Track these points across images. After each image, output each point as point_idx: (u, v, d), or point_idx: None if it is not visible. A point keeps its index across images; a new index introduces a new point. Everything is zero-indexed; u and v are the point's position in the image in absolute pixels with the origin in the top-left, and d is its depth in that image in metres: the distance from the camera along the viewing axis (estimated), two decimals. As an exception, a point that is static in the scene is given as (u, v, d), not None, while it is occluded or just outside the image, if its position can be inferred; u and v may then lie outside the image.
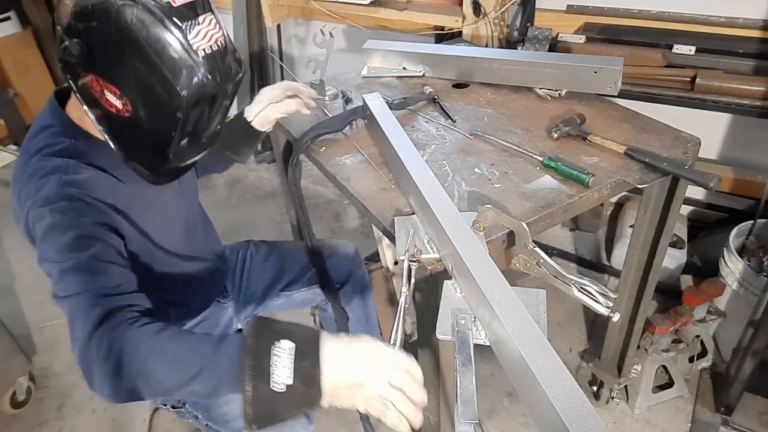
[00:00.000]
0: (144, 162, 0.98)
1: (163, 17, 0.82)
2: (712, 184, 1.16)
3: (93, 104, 0.91)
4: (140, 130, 0.91)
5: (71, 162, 0.95)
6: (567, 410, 0.66)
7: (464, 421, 0.76)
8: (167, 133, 0.92)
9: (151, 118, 0.89)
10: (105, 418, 1.97)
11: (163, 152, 0.96)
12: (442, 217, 0.98)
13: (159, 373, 0.76)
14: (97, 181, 0.96)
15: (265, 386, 0.71)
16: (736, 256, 1.80)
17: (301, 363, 0.73)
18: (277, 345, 0.73)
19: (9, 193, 1.00)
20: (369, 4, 2.43)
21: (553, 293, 0.92)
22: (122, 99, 0.87)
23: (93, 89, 0.88)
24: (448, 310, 0.92)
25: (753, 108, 1.76)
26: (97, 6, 0.81)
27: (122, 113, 0.89)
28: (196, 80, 0.85)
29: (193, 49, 0.84)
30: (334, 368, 0.74)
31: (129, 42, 0.82)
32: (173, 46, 0.83)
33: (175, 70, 0.83)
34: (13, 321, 2.32)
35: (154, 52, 0.82)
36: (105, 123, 0.92)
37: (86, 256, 0.86)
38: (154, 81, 0.84)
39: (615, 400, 1.87)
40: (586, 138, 1.34)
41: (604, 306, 0.85)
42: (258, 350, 0.73)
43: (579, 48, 2.02)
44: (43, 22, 3.76)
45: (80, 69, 0.88)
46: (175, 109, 0.87)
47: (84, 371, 0.79)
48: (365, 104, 1.41)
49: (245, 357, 0.73)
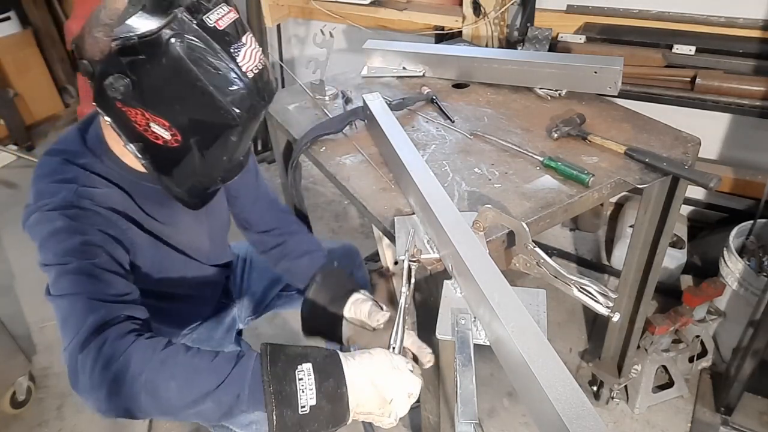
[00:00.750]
0: (186, 188, 0.98)
1: (214, 44, 0.80)
2: (712, 184, 1.16)
3: (136, 138, 0.89)
4: (188, 158, 0.90)
5: (91, 176, 0.94)
6: (567, 410, 0.66)
7: (464, 421, 0.76)
8: (219, 157, 0.92)
9: (203, 145, 0.88)
10: (105, 418, 1.97)
11: (210, 176, 0.96)
12: (442, 217, 0.98)
13: (168, 388, 0.74)
14: (114, 196, 0.96)
15: (291, 411, 0.72)
16: (736, 256, 1.80)
17: (325, 383, 0.74)
18: (299, 369, 0.74)
19: (9, 192, 1.00)
20: (369, 4, 2.43)
21: (553, 293, 0.92)
22: (171, 130, 0.85)
23: (137, 123, 0.86)
24: (448, 310, 0.92)
25: (753, 108, 1.76)
26: (145, 39, 0.78)
27: (170, 144, 0.87)
28: (249, 103, 0.84)
29: (243, 71, 0.82)
30: (357, 388, 0.76)
31: (181, 72, 0.79)
32: (226, 72, 0.81)
33: (231, 95, 0.82)
34: (13, 321, 2.32)
35: (208, 80, 0.80)
36: (149, 155, 0.91)
37: (89, 261, 0.85)
38: (209, 108, 0.82)
39: (615, 400, 1.87)
40: (586, 138, 1.34)
41: (604, 306, 0.85)
42: (280, 375, 0.73)
43: (579, 48, 2.02)
44: (43, 22, 3.76)
45: (122, 104, 0.84)
46: (230, 133, 0.87)
47: (71, 374, 0.77)
48: (365, 104, 1.41)
49: (267, 384, 0.73)
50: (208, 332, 1.34)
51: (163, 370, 0.75)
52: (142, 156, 0.91)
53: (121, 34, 0.78)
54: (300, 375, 0.74)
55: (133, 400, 0.74)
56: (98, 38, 0.81)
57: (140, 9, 0.78)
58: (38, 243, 0.89)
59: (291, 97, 1.68)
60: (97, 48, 0.81)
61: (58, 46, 3.83)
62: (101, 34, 0.81)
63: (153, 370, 0.75)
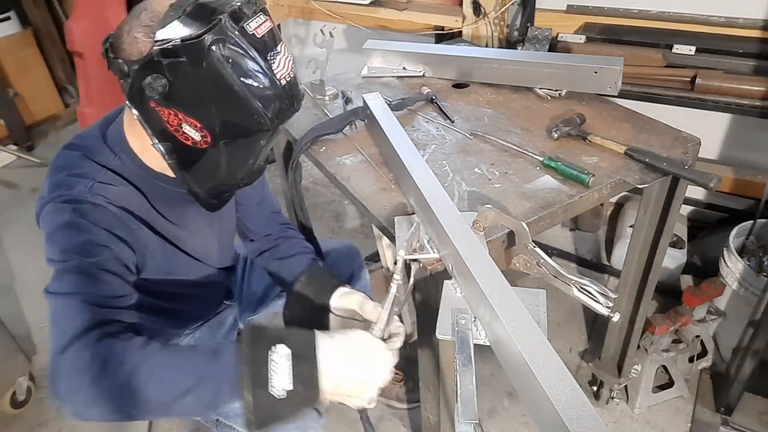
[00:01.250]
0: (208, 190, 1.00)
1: (252, 51, 0.83)
2: (712, 184, 1.16)
3: (165, 138, 0.91)
4: (215, 160, 0.92)
5: (108, 173, 0.95)
6: (567, 410, 0.66)
7: (464, 421, 0.76)
8: (245, 160, 0.95)
9: (231, 148, 0.90)
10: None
11: (233, 179, 0.98)
12: (443, 217, 0.98)
13: (148, 389, 0.75)
14: (128, 195, 0.97)
15: (265, 393, 0.73)
16: (736, 256, 1.80)
17: (299, 367, 0.76)
18: (273, 351, 0.75)
19: (9, 192, 1.00)
20: (369, 4, 2.43)
21: (553, 293, 0.92)
22: (203, 131, 0.87)
23: (168, 123, 0.88)
24: (448, 310, 0.92)
25: (753, 108, 1.75)
26: (188, 43, 0.80)
27: (199, 145, 0.89)
28: (280, 108, 0.87)
29: (278, 78, 0.85)
30: (332, 369, 0.78)
31: (220, 76, 0.81)
32: (262, 78, 0.84)
33: (265, 100, 0.84)
34: (13, 321, 2.32)
35: (245, 85, 0.83)
36: (176, 155, 0.93)
37: (89, 260, 0.86)
38: (242, 112, 0.85)
39: (615, 400, 1.87)
40: (586, 138, 1.34)
41: (604, 306, 0.85)
42: (255, 358, 0.75)
43: (579, 48, 2.02)
44: (43, 22, 3.77)
45: (156, 104, 0.86)
46: (260, 137, 0.90)
47: (51, 377, 0.77)
48: (365, 104, 1.41)
49: (243, 366, 0.74)
50: (211, 332, 1.35)
51: (142, 371, 0.75)
52: (169, 156, 0.93)
53: (163, 37, 0.80)
54: (273, 356, 0.75)
55: (114, 401, 0.75)
56: (138, 38, 0.82)
57: (182, 13, 0.80)
58: (45, 235, 0.90)
59: (291, 97, 1.68)
60: (136, 48, 0.83)
61: (58, 46, 3.83)
62: (141, 35, 0.82)
63: (132, 373, 0.75)
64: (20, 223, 2.90)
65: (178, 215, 1.07)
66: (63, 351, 0.77)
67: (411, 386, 1.89)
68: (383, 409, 1.91)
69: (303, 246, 1.34)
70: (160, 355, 0.78)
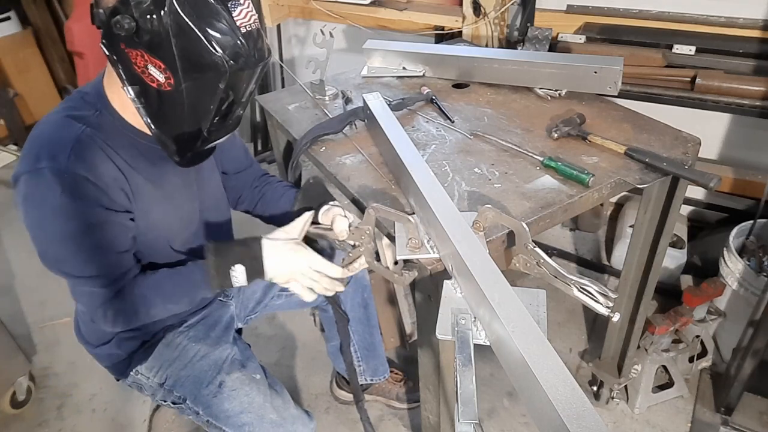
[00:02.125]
0: (175, 139, 1.04)
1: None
2: (712, 184, 1.16)
3: (134, 81, 0.96)
4: (179, 104, 0.96)
5: (89, 131, 1.01)
6: (567, 410, 0.66)
7: (464, 421, 0.76)
8: (206, 105, 0.98)
9: (192, 90, 0.94)
10: (105, 417, 1.97)
11: (197, 128, 1.02)
12: (443, 217, 0.98)
13: (156, 304, 1.11)
14: (108, 165, 1.03)
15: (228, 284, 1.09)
16: (736, 256, 1.81)
17: (252, 276, 1.09)
18: (233, 269, 1.07)
19: (9, 193, 1.02)
20: (369, 4, 2.43)
21: (553, 293, 0.92)
22: (166, 73, 0.92)
23: (136, 64, 0.93)
24: (448, 310, 0.92)
25: (753, 108, 1.76)
26: None
27: (163, 87, 0.94)
28: (238, 52, 0.92)
29: (237, 25, 0.91)
30: (274, 272, 1.10)
31: (181, 17, 0.87)
32: (221, 21, 0.89)
33: (221, 42, 0.90)
34: (13, 321, 2.32)
35: (204, 26, 0.88)
36: (144, 98, 0.98)
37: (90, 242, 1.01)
38: (200, 52, 0.90)
39: (615, 400, 1.87)
40: (586, 138, 1.34)
41: (604, 306, 0.85)
42: (221, 275, 1.07)
43: (579, 48, 2.02)
44: (43, 22, 3.76)
45: (125, 45, 0.92)
46: (218, 79, 0.93)
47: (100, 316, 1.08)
48: (365, 104, 1.41)
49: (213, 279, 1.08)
50: (206, 330, 1.35)
51: (154, 295, 1.10)
52: (137, 100, 0.98)
53: None
54: (235, 274, 1.07)
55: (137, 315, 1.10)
56: None
57: None
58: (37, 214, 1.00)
59: (291, 97, 1.68)
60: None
61: (58, 45, 3.82)
62: None
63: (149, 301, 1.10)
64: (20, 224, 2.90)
65: (156, 174, 1.12)
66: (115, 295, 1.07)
67: (411, 386, 1.89)
68: (383, 408, 1.91)
69: (284, 186, 1.40)
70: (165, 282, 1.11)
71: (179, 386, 1.26)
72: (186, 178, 1.19)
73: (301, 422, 1.28)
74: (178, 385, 1.27)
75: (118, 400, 2.01)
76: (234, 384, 1.24)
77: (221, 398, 1.23)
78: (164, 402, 1.30)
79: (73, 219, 0.99)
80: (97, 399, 2.03)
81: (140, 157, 1.08)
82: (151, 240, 1.15)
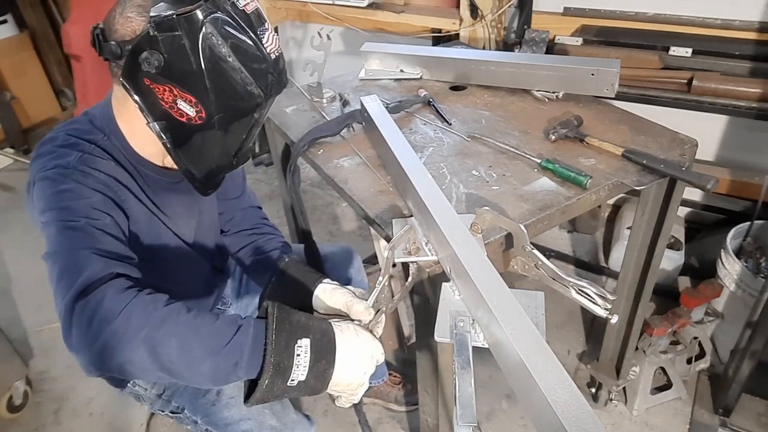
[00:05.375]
0: (204, 170, 1.01)
1: (244, 24, 0.86)
2: (710, 185, 1.17)
3: (160, 116, 0.91)
4: (209, 137, 0.93)
5: (96, 149, 0.97)
6: (566, 412, 0.66)
7: (463, 423, 0.76)
8: (239, 135, 0.97)
9: (225, 121, 0.92)
10: (102, 422, 1.96)
11: (227, 157, 1.00)
12: (440, 220, 0.98)
13: (168, 345, 0.75)
14: (116, 169, 0.98)
15: (282, 382, 0.77)
16: (734, 258, 1.81)
17: (317, 363, 0.79)
18: (299, 344, 0.78)
19: (5, 196, 1.00)
20: (366, 6, 2.44)
21: (552, 295, 0.92)
22: (197, 106, 0.88)
23: (163, 100, 0.89)
24: (446, 313, 0.92)
25: (749, 110, 1.76)
26: (183, 16, 0.82)
27: (194, 121, 0.90)
28: (271, 80, 0.90)
29: (267, 52, 0.89)
30: (343, 370, 0.82)
31: (214, 48, 0.84)
32: (254, 50, 0.87)
33: (256, 72, 0.87)
34: (10, 325, 2.31)
35: (238, 57, 0.85)
36: (170, 133, 0.93)
37: (91, 220, 0.87)
38: (235, 83, 0.87)
39: (613, 402, 1.87)
40: (584, 140, 1.34)
41: (602, 308, 0.85)
42: (281, 348, 0.76)
43: (576, 50, 2.03)
44: (40, 26, 3.76)
45: (150, 81, 0.87)
46: (253, 109, 0.92)
47: (64, 327, 0.77)
48: (363, 107, 1.41)
49: (270, 354, 0.75)
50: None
51: (164, 327, 0.75)
52: (164, 135, 0.93)
53: (157, 12, 0.82)
54: (299, 351, 0.77)
55: (131, 354, 0.75)
56: (131, 18, 0.85)
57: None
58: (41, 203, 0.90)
59: (288, 99, 1.68)
60: (130, 27, 0.85)
61: (55, 49, 3.82)
62: (135, 14, 0.85)
63: (154, 326, 0.75)
64: (17, 227, 2.90)
65: (159, 201, 1.08)
66: (77, 299, 0.77)
67: (409, 389, 1.89)
68: (381, 411, 1.90)
69: (279, 241, 1.32)
70: (184, 315, 0.78)
71: (177, 396, 1.25)
72: (190, 207, 1.17)
73: (302, 427, 1.28)
74: (176, 394, 1.25)
75: (116, 404, 2.01)
76: (233, 391, 1.23)
77: (220, 406, 1.22)
78: (162, 412, 1.29)
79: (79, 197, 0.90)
80: (95, 403, 2.02)
81: (145, 186, 1.04)
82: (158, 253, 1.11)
